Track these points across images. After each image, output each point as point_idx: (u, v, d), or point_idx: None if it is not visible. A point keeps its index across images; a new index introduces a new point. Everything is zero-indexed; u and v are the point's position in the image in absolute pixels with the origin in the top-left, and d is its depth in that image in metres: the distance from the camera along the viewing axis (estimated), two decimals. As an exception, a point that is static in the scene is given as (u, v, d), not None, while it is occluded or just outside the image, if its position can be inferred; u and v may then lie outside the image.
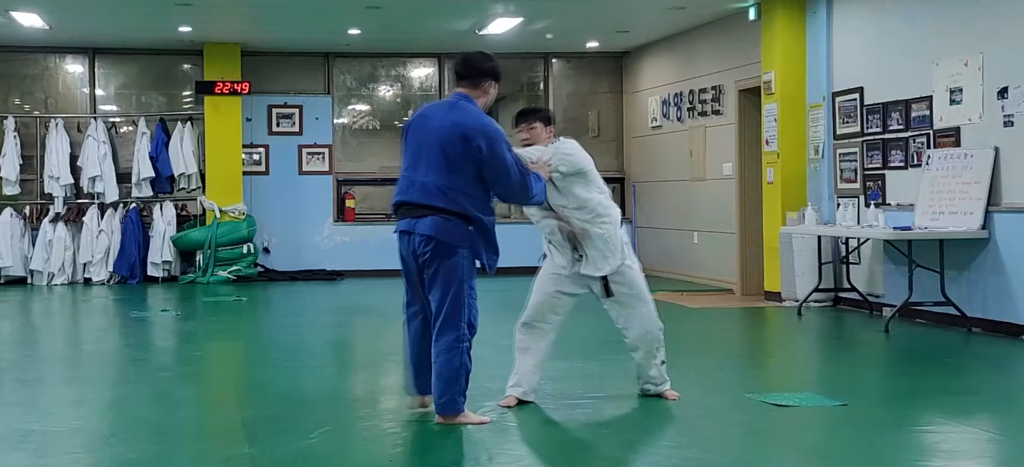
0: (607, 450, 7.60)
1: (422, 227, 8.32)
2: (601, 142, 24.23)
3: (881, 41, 15.74)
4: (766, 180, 17.64)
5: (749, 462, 7.56)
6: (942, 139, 14.35)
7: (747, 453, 7.83)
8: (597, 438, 7.95)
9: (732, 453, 7.73)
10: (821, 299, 16.37)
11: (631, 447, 7.67)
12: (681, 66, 21.36)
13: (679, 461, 7.24)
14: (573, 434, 8.11)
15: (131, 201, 22.16)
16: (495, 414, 8.60)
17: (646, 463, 7.24)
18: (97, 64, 22.76)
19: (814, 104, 16.96)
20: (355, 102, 23.98)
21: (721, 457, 7.54)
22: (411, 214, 8.41)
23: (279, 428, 8.49)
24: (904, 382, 10.97)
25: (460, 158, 8.38)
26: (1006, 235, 13.30)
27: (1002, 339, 12.95)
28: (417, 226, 8.34)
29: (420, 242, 8.31)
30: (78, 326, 16.58)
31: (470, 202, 8.41)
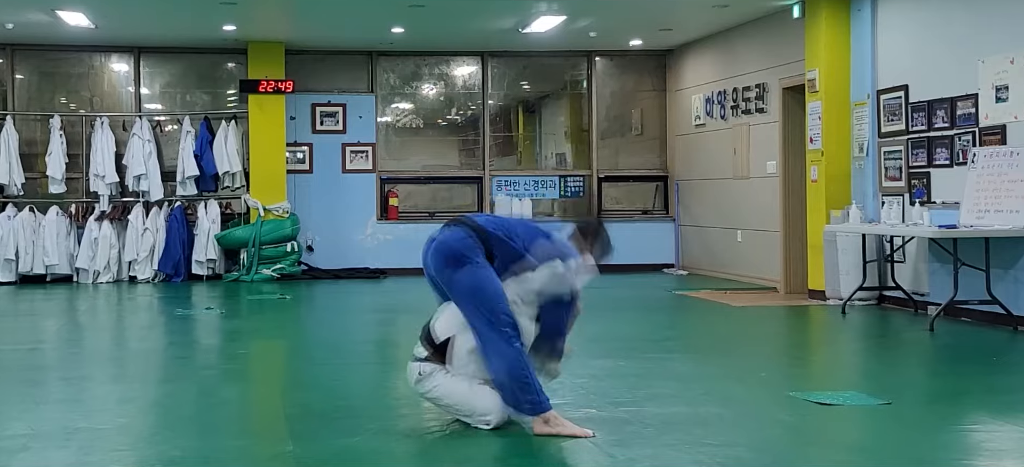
0: (651, 449, 7.58)
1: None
2: (644, 140, 24.23)
3: (926, 38, 15.68)
4: (810, 178, 17.59)
5: (792, 461, 7.53)
6: (988, 137, 14.30)
7: (790, 452, 7.80)
8: (641, 438, 7.92)
9: (775, 452, 7.71)
10: (865, 297, 16.32)
11: (675, 446, 7.66)
12: (724, 64, 21.32)
13: (722, 459, 7.22)
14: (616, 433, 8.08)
15: (176, 199, 22.25)
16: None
17: (690, 462, 7.22)
18: (142, 63, 22.87)
19: (859, 102, 16.91)
20: (398, 100, 24.02)
21: (764, 456, 7.52)
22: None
23: (322, 426, 8.50)
24: (949, 381, 10.92)
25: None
26: (1053, 233, 13.25)
27: (1048, 338, 12.91)
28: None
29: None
30: (123, 324, 16.63)
31: None
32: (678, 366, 11.45)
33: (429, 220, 22.84)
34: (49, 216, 21.60)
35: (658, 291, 19.28)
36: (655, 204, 24.24)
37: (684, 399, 9.48)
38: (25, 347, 13.58)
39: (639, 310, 16.61)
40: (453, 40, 22.43)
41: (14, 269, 21.45)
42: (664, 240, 23.60)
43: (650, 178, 24.20)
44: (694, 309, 16.82)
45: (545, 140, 25.16)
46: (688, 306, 17.16)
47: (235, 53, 22.89)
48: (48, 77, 23.04)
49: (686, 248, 23.27)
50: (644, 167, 24.30)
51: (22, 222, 21.48)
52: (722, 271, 21.51)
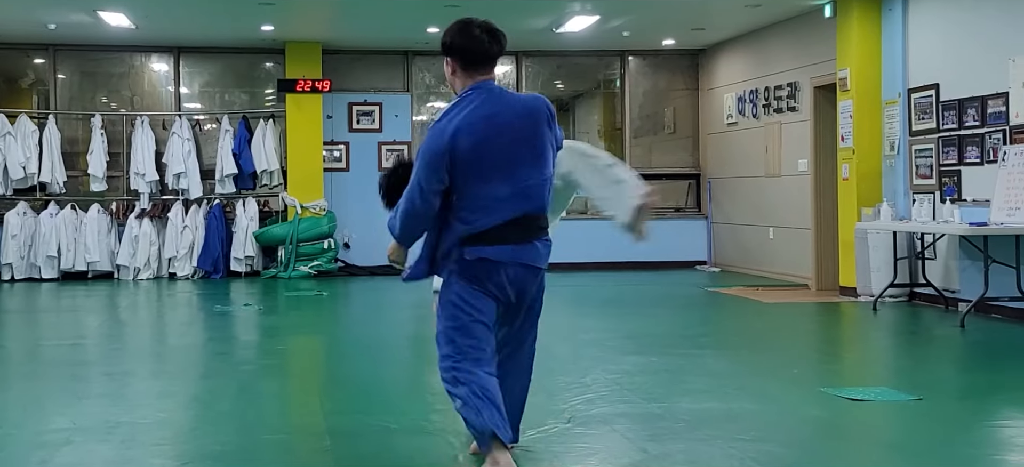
0: (684, 444, 7.58)
1: (540, 257, 6.85)
2: (677, 139, 24.21)
3: (957, 37, 15.63)
4: (841, 176, 17.55)
5: (825, 456, 7.52)
6: (1018, 135, 14.24)
7: (823, 447, 7.79)
8: (673, 433, 7.92)
9: (808, 447, 7.70)
10: (896, 294, 16.28)
11: (707, 442, 7.65)
12: (756, 63, 21.29)
13: (755, 454, 7.21)
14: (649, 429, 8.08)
15: (215, 197, 22.31)
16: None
17: (722, 458, 7.21)
18: (181, 63, 22.93)
19: (890, 100, 16.86)
20: (434, 99, 24.03)
21: (797, 451, 7.51)
22: (520, 237, 6.72)
23: (360, 422, 8.51)
24: (980, 377, 10.89)
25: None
26: (1083, 231, 13.21)
27: (1078, 334, 12.87)
28: (530, 255, 6.78)
29: (533, 275, 6.88)
30: (163, 320, 16.69)
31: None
32: (711, 362, 11.44)
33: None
34: (90, 214, 21.69)
35: (691, 288, 19.26)
36: (688, 202, 24.22)
37: (716, 395, 9.47)
38: (67, 343, 13.63)
39: (672, 307, 16.60)
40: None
41: (56, 266, 21.55)
42: (697, 237, 23.58)
43: (683, 176, 24.18)
44: (726, 306, 16.80)
45: (579, 138, 25.11)
46: (720, 303, 17.14)
47: (273, 53, 22.94)
48: (89, 77, 23.12)
49: (718, 245, 23.24)
50: (677, 165, 24.28)
51: (64, 220, 21.57)
52: (754, 268, 21.48)
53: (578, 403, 8.85)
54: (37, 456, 7.45)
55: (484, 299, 6.70)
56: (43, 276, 21.47)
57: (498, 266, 6.66)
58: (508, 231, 6.64)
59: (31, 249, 21.58)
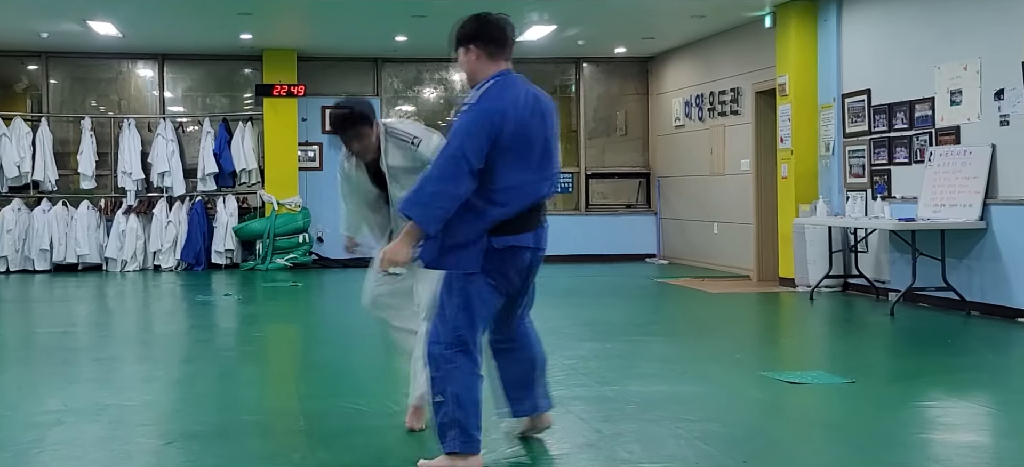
0: (635, 425, 7.59)
1: (546, 240, 6.68)
2: (628, 140, 24.25)
3: (887, 46, 15.69)
4: (780, 175, 17.61)
5: (765, 435, 7.54)
6: (943, 137, 14.32)
7: (763, 427, 7.81)
8: (625, 414, 7.93)
9: (750, 427, 7.72)
10: (831, 285, 16.34)
11: (657, 422, 7.67)
12: (702, 70, 21.33)
13: (700, 434, 7.23)
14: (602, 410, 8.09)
15: (197, 194, 22.26)
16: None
17: (670, 437, 7.23)
18: (166, 69, 22.86)
19: (825, 105, 16.92)
20: (402, 103, 24.01)
21: (740, 431, 7.53)
22: (536, 222, 6.54)
23: (332, 404, 8.50)
24: (908, 361, 10.94)
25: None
26: (1002, 226, 13.27)
27: (998, 321, 12.92)
28: (544, 239, 6.62)
29: (541, 258, 6.70)
30: (148, 309, 16.63)
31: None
32: (659, 348, 11.47)
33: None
34: (80, 210, 21.64)
35: (641, 279, 19.28)
36: (638, 199, 24.24)
37: (665, 379, 9.49)
38: (59, 330, 13.58)
39: (624, 297, 16.61)
40: (452, 48, 22.40)
41: (49, 258, 21.49)
42: (646, 232, 23.61)
43: (633, 175, 24.19)
44: (674, 296, 16.83)
45: (537, 140, 25.13)
46: (669, 293, 17.17)
47: (251, 60, 22.87)
48: (80, 82, 23.03)
49: (667, 239, 23.27)
50: (628, 165, 24.30)
51: (56, 215, 21.52)
52: (700, 260, 21.52)
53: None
54: (31, 435, 7.42)
55: (496, 296, 6.44)
56: (36, 268, 21.42)
57: (523, 252, 6.43)
58: (530, 216, 6.43)
59: (25, 243, 21.52)
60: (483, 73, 6.62)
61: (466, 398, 6.29)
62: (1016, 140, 12.80)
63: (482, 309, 6.38)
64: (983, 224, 13.48)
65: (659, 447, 7.00)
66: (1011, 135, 13.07)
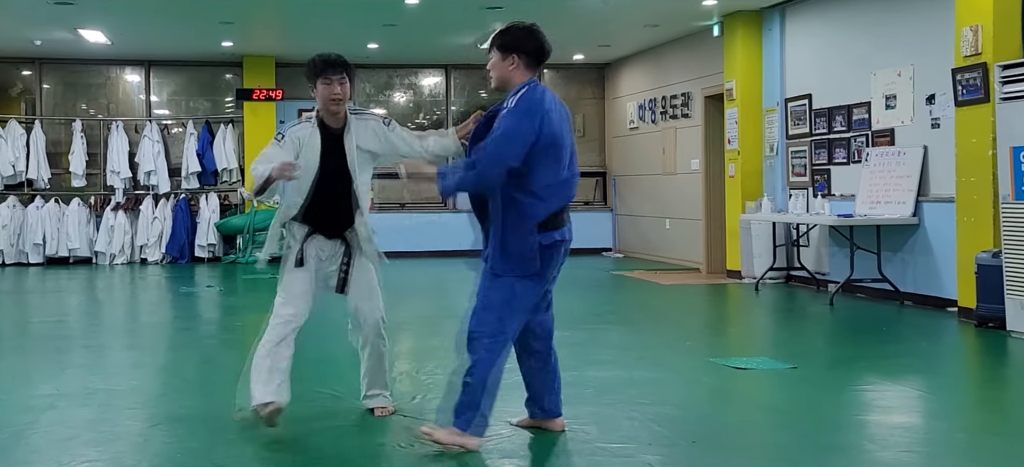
0: (592, 408, 7.59)
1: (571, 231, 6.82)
2: (586, 141, 24.24)
3: (827, 54, 15.75)
4: (728, 174, 17.64)
5: (714, 417, 7.55)
6: (879, 139, 14.39)
7: (712, 409, 7.82)
8: (582, 398, 7.93)
9: (699, 410, 7.72)
10: (775, 277, 16.39)
11: (612, 405, 7.67)
12: (655, 76, 21.35)
13: (653, 417, 7.24)
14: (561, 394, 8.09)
15: (181, 192, 22.20)
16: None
17: (624, 418, 7.24)
18: (152, 74, 22.80)
19: (769, 108, 16.97)
20: (373, 107, 23.97)
21: (690, 413, 7.54)
22: (567, 217, 6.74)
23: (309, 387, 8.49)
24: (846, 348, 10.97)
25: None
26: (933, 221, 13.34)
27: (930, 311, 12.99)
28: (572, 234, 6.82)
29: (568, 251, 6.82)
30: (136, 300, 16.56)
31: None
32: (615, 336, 11.47)
33: (400, 210, 22.91)
34: (71, 206, 21.58)
35: (598, 272, 19.29)
36: (595, 196, 24.27)
37: (620, 365, 9.49)
38: (52, 320, 13.52)
39: (581, 288, 16.62)
40: (421, 54, 22.41)
41: (42, 252, 21.42)
42: (603, 227, 23.63)
43: (591, 174, 24.21)
44: (629, 287, 16.84)
45: (501, 141, 25.15)
46: (623, 285, 17.18)
47: (232, 65, 22.82)
48: (71, 87, 22.93)
49: (622, 234, 23.30)
50: (586, 164, 24.29)
51: (48, 211, 21.45)
52: (653, 254, 21.55)
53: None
54: (25, 419, 7.39)
55: (538, 289, 6.59)
56: (30, 261, 21.34)
57: (561, 245, 6.60)
58: (564, 214, 6.60)
59: (19, 237, 21.44)
60: (516, 80, 6.68)
61: (494, 387, 6.41)
62: (946, 142, 12.85)
63: (526, 303, 6.48)
64: (916, 220, 13.55)
65: (615, 428, 7.01)
66: (941, 137, 13.13)
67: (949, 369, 9.96)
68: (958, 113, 12.14)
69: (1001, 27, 11.64)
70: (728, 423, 7.44)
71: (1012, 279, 10.86)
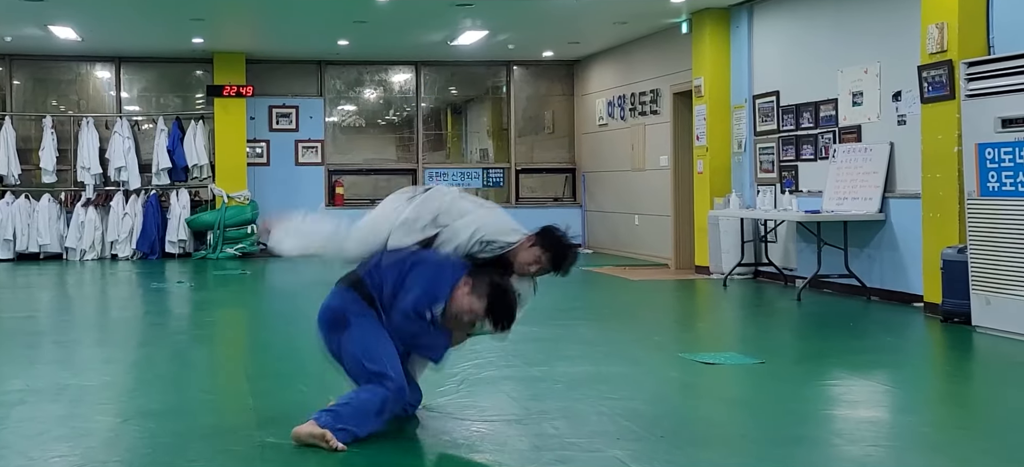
0: (560, 403, 7.60)
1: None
2: (555, 138, 24.29)
3: (794, 52, 15.79)
4: (697, 170, 17.68)
5: (682, 411, 7.57)
6: (846, 135, 14.44)
7: (681, 404, 7.85)
8: (551, 393, 7.95)
9: (668, 404, 7.74)
10: (743, 272, 16.42)
11: (582, 400, 7.68)
12: (624, 72, 21.37)
13: (622, 412, 7.25)
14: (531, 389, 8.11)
15: (151, 188, 22.13)
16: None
17: (594, 413, 7.25)
18: (122, 71, 22.72)
19: (737, 105, 17.01)
20: (344, 103, 23.97)
21: (659, 407, 7.55)
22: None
23: (278, 383, 8.49)
24: (813, 343, 11.02)
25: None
26: (900, 217, 13.39)
27: (896, 306, 13.04)
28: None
29: None
30: (106, 296, 16.51)
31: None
32: (585, 331, 11.49)
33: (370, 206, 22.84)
34: (42, 202, 21.49)
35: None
36: (565, 192, 24.30)
37: (590, 360, 9.51)
38: (22, 315, 13.47)
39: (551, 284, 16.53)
40: (391, 51, 22.38)
41: (12, 248, 21.33)
42: (572, 223, 23.47)
43: (561, 170, 24.25)
44: (598, 283, 16.85)
45: (470, 137, 25.19)
46: (593, 280, 17.19)
47: (203, 62, 22.74)
48: (41, 83, 22.85)
49: (591, 230, 23.33)
50: (556, 161, 24.34)
51: (19, 207, 21.37)
52: (622, 250, 21.57)
53: (469, 367, 8.85)
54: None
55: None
56: (0, 257, 21.23)
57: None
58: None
59: (-11, 233, 21.36)
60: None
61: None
62: (912, 138, 12.89)
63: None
64: (882, 216, 13.60)
65: (583, 423, 7.02)
66: (907, 134, 13.18)
67: (915, 364, 10.00)
68: (924, 110, 12.20)
69: (966, 25, 11.70)
70: (696, 417, 7.47)
71: (977, 274, 10.91)
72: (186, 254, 21.95)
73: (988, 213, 10.75)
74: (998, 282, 10.65)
